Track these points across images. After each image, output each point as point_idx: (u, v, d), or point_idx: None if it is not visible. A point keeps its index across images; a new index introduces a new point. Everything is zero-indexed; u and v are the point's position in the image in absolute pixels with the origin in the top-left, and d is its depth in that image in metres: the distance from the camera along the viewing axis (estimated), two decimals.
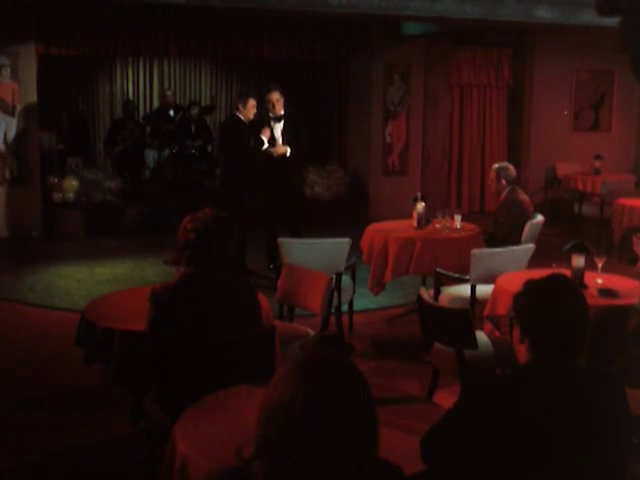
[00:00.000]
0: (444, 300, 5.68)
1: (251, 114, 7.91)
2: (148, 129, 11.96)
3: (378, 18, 9.12)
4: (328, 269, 5.24)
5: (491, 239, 6.34)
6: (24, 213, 9.82)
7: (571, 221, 10.80)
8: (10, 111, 9.61)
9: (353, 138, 11.67)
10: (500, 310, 4.79)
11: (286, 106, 7.93)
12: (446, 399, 3.70)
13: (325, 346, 4.19)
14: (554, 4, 8.57)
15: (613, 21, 2.92)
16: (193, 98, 13.41)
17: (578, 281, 4.68)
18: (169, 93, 12.40)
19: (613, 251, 8.55)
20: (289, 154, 7.86)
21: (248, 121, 7.91)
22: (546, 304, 2.35)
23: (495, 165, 6.58)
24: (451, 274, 5.93)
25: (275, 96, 7.81)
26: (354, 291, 6.16)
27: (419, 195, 6.67)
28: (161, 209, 10.25)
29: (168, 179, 11.44)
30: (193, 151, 11.46)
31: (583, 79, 12.08)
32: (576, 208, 10.76)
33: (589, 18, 8.37)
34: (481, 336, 4.48)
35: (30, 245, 9.60)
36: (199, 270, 3.39)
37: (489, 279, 5.32)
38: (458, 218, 6.62)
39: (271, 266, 7.92)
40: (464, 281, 5.75)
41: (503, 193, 6.38)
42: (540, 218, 6.41)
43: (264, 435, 1.77)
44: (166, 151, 11.49)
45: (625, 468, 2.32)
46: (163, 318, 3.32)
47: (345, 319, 6.14)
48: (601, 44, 7.86)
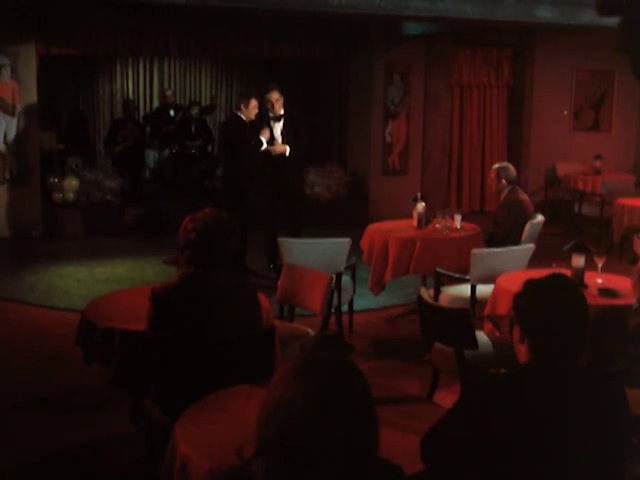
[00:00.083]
0: (444, 300, 5.69)
1: (253, 114, 7.90)
2: (148, 129, 11.94)
3: (378, 18, 9.12)
4: (328, 269, 5.24)
5: (491, 239, 6.34)
6: (24, 213, 9.82)
7: (571, 221, 10.80)
8: (10, 111, 9.61)
9: (353, 138, 11.66)
10: (500, 310, 4.79)
11: (285, 106, 7.94)
12: (446, 399, 3.71)
13: (325, 346, 4.20)
14: (554, 4, 8.57)
15: (613, 21, 2.91)
16: (193, 98, 13.40)
17: (578, 281, 4.68)
18: (169, 93, 12.39)
19: (613, 251, 8.54)
20: (289, 154, 7.86)
21: (249, 121, 7.91)
22: (546, 304, 2.35)
23: (495, 165, 6.59)
24: (451, 274, 5.94)
25: (274, 96, 7.82)
26: (354, 291, 6.16)
27: (419, 195, 6.67)
28: (161, 209, 10.25)
29: (168, 179, 11.43)
30: (193, 151, 11.46)
31: (583, 79, 12.08)
32: (576, 208, 10.75)
33: (589, 18, 8.37)
34: (481, 336, 4.48)
35: (30, 245, 9.59)
36: (199, 270, 3.39)
37: (489, 279, 5.32)
38: (458, 218, 6.62)
39: (271, 266, 7.91)
40: (464, 281, 5.76)
41: (503, 193, 6.38)
42: (540, 218, 6.41)
43: (264, 435, 1.77)
44: (166, 151, 11.48)
45: (625, 468, 2.32)
46: (163, 318, 3.32)
47: (345, 319, 6.14)
48: (601, 44, 7.87)
